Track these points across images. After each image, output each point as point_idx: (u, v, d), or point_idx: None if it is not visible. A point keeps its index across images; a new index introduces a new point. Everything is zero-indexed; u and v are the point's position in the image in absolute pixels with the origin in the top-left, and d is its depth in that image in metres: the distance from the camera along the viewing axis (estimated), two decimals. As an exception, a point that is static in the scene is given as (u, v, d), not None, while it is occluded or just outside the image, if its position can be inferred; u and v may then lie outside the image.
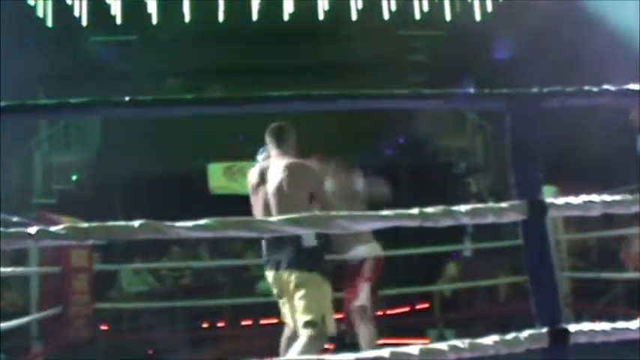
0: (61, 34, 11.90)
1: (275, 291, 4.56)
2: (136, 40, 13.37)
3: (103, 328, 8.19)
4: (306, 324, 4.27)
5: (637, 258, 7.27)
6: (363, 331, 5.43)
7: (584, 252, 8.56)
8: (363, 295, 5.51)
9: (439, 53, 13.52)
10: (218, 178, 12.90)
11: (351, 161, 5.86)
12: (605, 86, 2.14)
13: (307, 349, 4.12)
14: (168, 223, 1.91)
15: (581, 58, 9.10)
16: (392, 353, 1.92)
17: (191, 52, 12.62)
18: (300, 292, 4.35)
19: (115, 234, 1.93)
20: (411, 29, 13.46)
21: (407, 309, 9.06)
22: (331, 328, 4.35)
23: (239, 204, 4.98)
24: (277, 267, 4.42)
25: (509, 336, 2.01)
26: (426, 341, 6.97)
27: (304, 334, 4.26)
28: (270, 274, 4.51)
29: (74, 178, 12.68)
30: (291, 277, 4.38)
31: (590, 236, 8.18)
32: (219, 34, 12.68)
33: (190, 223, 1.92)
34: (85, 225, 1.94)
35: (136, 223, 1.90)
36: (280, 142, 4.66)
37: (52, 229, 1.89)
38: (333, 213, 1.92)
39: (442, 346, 1.99)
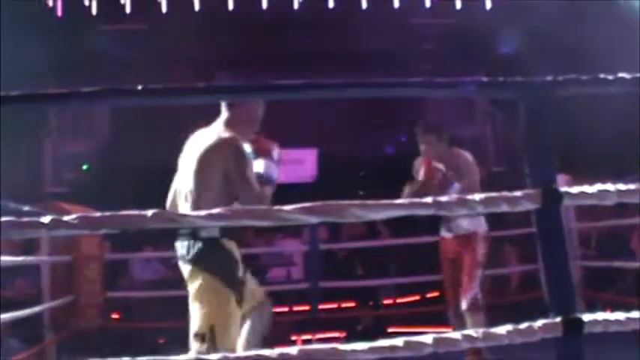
0: (71, 23, 11.90)
1: None
2: (145, 29, 13.35)
3: (115, 316, 8.22)
4: (194, 336, 3.60)
5: None
6: (473, 323, 4.82)
7: (595, 240, 8.54)
8: (474, 284, 4.90)
9: (450, 42, 13.46)
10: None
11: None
12: (620, 74, 2.13)
13: None
14: (181, 213, 1.91)
15: (593, 47, 9.04)
16: (406, 342, 1.92)
17: (201, 40, 12.61)
18: (191, 292, 3.66)
19: (128, 224, 1.93)
20: (421, 18, 13.39)
21: (417, 297, 9.06)
22: (227, 343, 3.51)
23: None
24: (179, 258, 3.70)
25: (523, 325, 2.00)
26: (445, 329, 6.98)
27: (193, 348, 3.59)
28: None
29: (85, 167, 12.71)
30: (184, 271, 3.69)
31: (601, 225, 8.15)
32: (229, 22, 12.65)
33: (203, 212, 1.92)
34: (98, 214, 1.94)
35: (149, 213, 1.90)
36: (224, 107, 3.84)
37: (65, 218, 1.89)
38: (346, 202, 1.91)
39: (456, 335, 1.99)
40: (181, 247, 3.62)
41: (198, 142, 3.74)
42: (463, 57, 12.69)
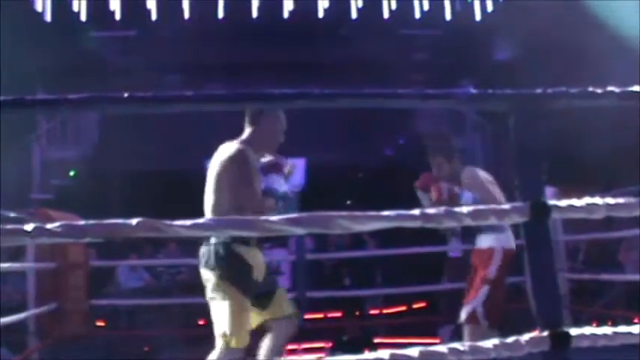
0: (60, 28, 11.84)
1: None
2: (135, 35, 13.32)
3: (100, 324, 8.17)
4: (220, 335, 3.84)
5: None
6: (468, 335, 4.74)
7: (583, 253, 8.54)
8: (476, 299, 4.75)
9: (439, 53, 13.50)
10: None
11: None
12: (610, 88, 2.12)
13: None
14: (167, 222, 1.89)
15: (583, 58, 9.07)
16: (392, 355, 1.90)
17: (190, 48, 12.59)
18: (208, 295, 3.90)
19: (112, 232, 1.91)
20: (411, 28, 13.42)
21: (404, 308, 9.06)
22: (238, 342, 3.79)
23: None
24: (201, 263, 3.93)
25: (510, 339, 1.99)
26: (432, 340, 6.98)
27: (218, 345, 3.86)
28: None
29: (72, 173, 12.65)
30: (203, 275, 3.93)
31: (588, 238, 8.15)
32: (218, 31, 12.65)
33: (189, 222, 1.90)
34: (83, 223, 1.92)
35: (134, 221, 1.88)
36: (247, 125, 4.14)
37: (49, 226, 1.87)
38: (332, 213, 1.89)
39: (442, 348, 1.97)
40: (201, 252, 3.91)
41: (218, 154, 4.06)
42: (454, 67, 12.72)
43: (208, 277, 3.88)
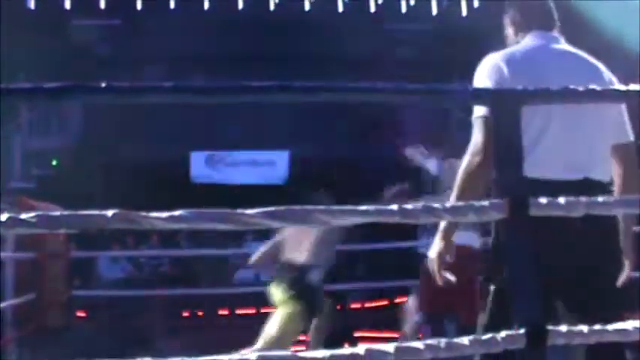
0: (44, 16, 11.75)
1: None
2: (120, 24, 13.23)
3: (80, 315, 8.13)
4: None
5: None
6: None
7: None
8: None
9: (425, 48, 13.48)
10: (200, 166, 12.86)
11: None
12: (591, 86, 2.12)
13: None
14: (143, 214, 1.87)
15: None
16: (367, 350, 1.89)
17: (176, 38, 12.53)
18: None
19: (88, 223, 1.88)
20: (397, 23, 13.40)
21: (385, 302, 9.05)
22: None
23: (220, 192, 4.88)
24: None
25: (486, 336, 1.98)
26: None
27: None
28: None
29: (54, 163, 12.58)
30: None
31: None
32: (204, 21, 12.59)
33: (165, 214, 1.88)
34: (58, 213, 1.89)
35: (110, 213, 1.85)
36: None
37: (24, 216, 1.84)
38: (310, 207, 1.88)
39: (418, 344, 1.96)
40: None
41: None
42: (439, 63, 12.70)
43: None
